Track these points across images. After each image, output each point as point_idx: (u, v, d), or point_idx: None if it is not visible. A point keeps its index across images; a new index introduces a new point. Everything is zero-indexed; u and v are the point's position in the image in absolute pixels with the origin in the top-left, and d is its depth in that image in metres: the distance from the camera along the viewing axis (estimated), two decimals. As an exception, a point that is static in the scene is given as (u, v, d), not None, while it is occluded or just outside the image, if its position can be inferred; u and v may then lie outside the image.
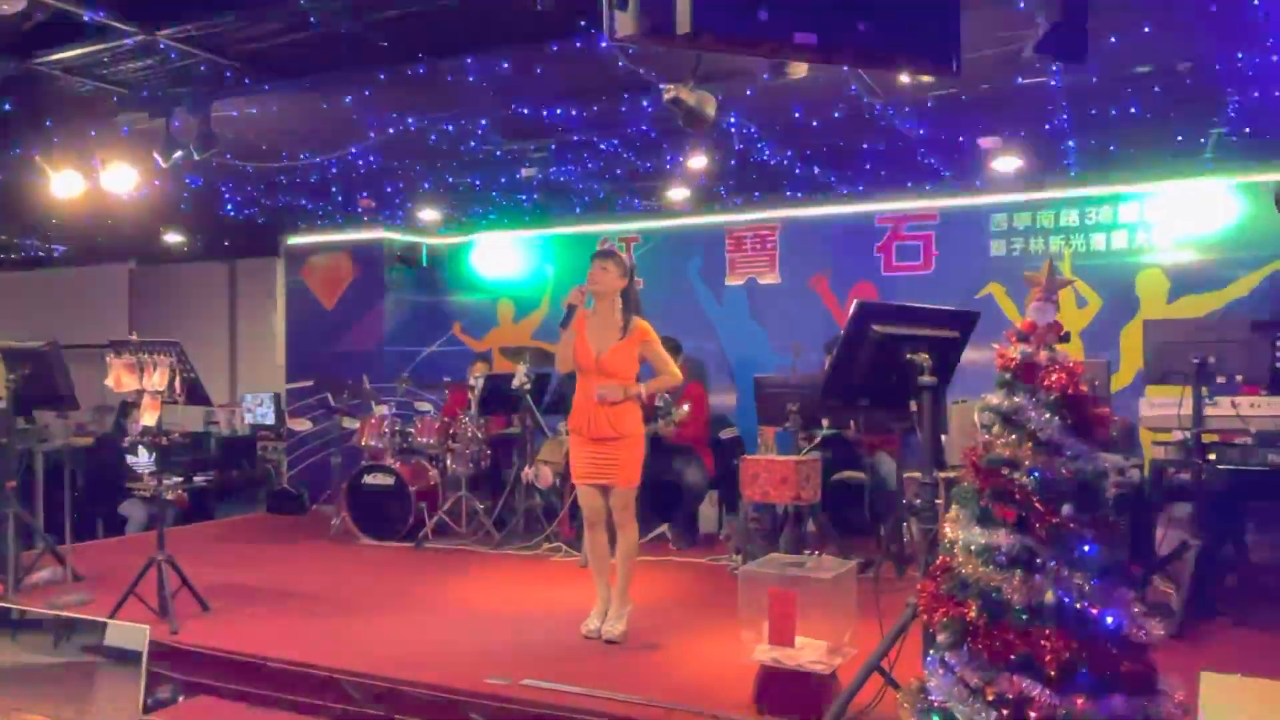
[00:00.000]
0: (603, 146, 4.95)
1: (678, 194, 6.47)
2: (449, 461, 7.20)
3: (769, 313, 7.68)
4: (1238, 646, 4.03)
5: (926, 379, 3.09)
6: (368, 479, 6.96)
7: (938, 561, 2.55)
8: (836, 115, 4.37)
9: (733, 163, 5.38)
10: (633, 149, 5.01)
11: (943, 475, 6.49)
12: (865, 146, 5.02)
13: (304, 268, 9.00)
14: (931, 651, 2.51)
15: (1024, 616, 2.16)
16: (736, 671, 3.75)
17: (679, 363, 6.68)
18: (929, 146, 5.03)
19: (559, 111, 4.41)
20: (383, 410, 7.89)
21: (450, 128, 4.59)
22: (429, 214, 7.51)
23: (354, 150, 4.86)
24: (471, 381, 7.50)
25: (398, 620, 4.68)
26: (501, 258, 8.79)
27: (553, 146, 4.88)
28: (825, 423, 5.63)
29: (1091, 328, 6.49)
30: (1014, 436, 2.29)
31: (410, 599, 5.13)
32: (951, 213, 7.04)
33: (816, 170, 5.70)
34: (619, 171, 5.60)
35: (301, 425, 8.61)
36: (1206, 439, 4.50)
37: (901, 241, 7.20)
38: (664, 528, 6.86)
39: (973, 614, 2.20)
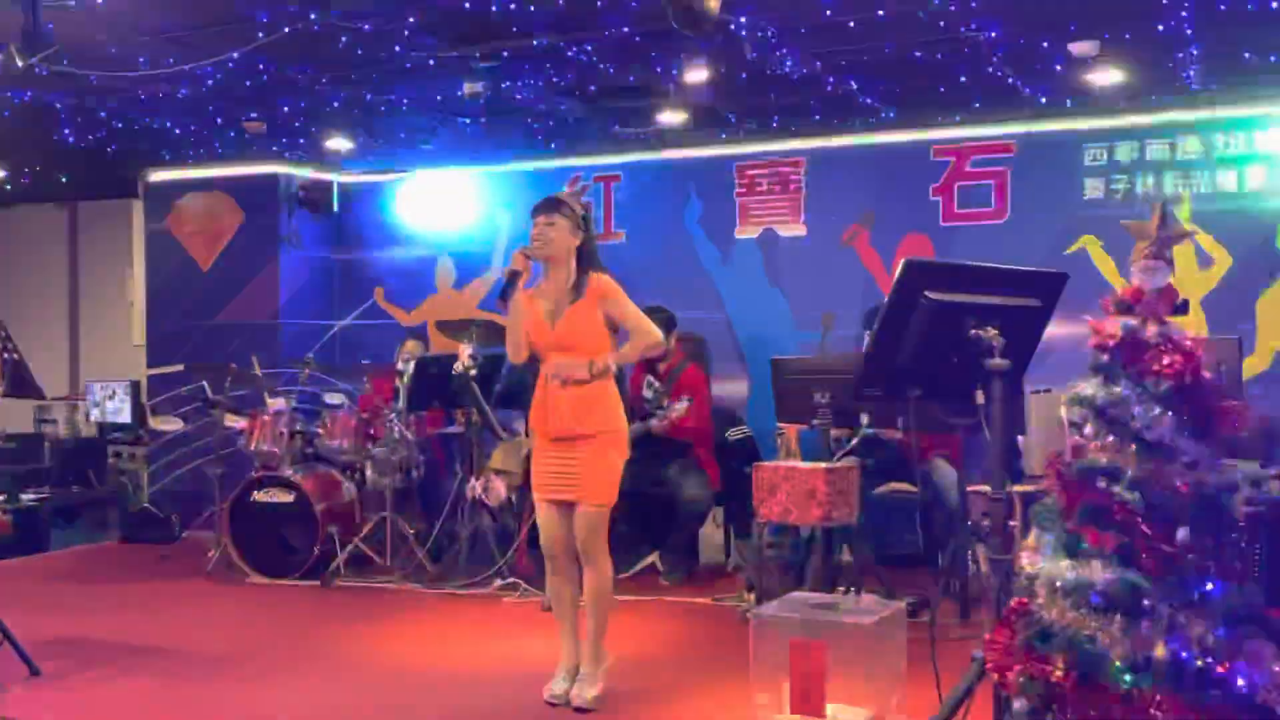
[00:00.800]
0: (571, 54, 4.88)
1: (671, 118, 6.42)
2: (368, 471, 7.17)
3: (791, 275, 7.66)
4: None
5: (997, 362, 3.07)
6: (259, 496, 6.93)
7: (1012, 603, 2.54)
8: (880, 14, 4.32)
9: (743, 76, 5.32)
10: (611, 58, 4.94)
11: (1019, 489, 6.54)
12: (918, 55, 4.96)
13: (171, 214, 8.91)
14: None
15: (1127, 676, 2.15)
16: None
17: (671, 341, 6.71)
18: (1003, 54, 4.98)
19: (514, 6, 4.31)
20: (278, 404, 7.86)
21: (367, 26, 4.50)
22: (340, 143, 7.43)
23: (236, 55, 4.77)
24: (400, 366, 7.47)
25: (298, 685, 4.66)
26: (439, 202, 8.74)
27: (505, 54, 4.80)
28: (865, 419, 5.62)
29: (1218, 294, 6.50)
30: (1113, 438, 2.27)
31: (315, 656, 5.10)
32: (1032, 142, 7.03)
33: (854, 85, 5.64)
34: (592, 88, 5.53)
35: (169, 424, 8.56)
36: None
37: (966, 182, 7.19)
38: (654, 557, 6.87)
39: (1059, 673, 2.19)
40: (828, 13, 4.27)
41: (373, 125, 6.70)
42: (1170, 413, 2.22)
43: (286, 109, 6.14)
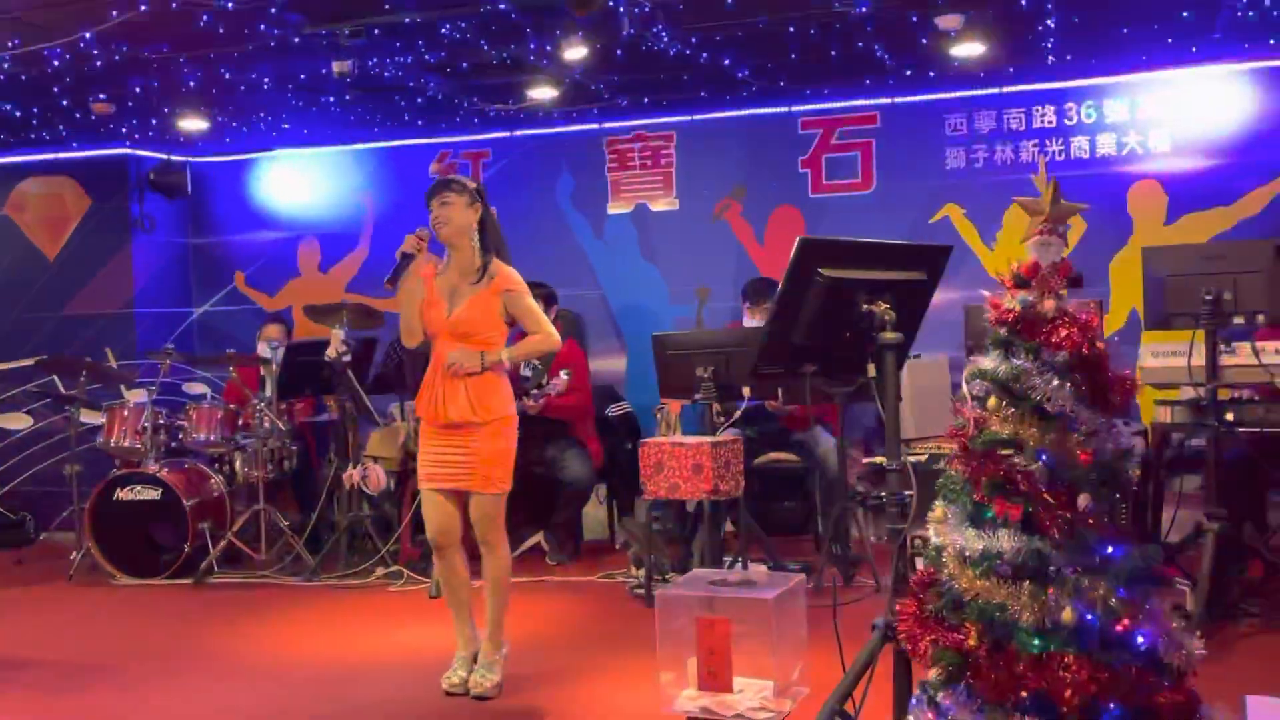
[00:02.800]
0: (444, 30, 4.75)
1: (542, 93, 6.33)
2: (238, 464, 6.95)
3: (665, 249, 7.68)
4: (1274, 655, 4.29)
5: (889, 335, 3.12)
6: (122, 494, 6.64)
7: (918, 573, 2.59)
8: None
9: (619, 53, 5.27)
10: (485, 34, 4.83)
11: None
12: (791, 30, 5.00)
13: (10, 199, 8.44)
14: (916, 690, 2.56)
15: (1036, 641, 2.21)
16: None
17: (550, 316, 6.65)
18: (872, 27, 5.06)
19: None
20: (138, 397, 7.54)
21: (229, 4, 4.30)
22: (194, 123, 7.11)
23: (88, 36, 4.49)
24: (265, 352, 7.24)
25: (180, 689, 4.48)
26: (301, 182, 8.47)
27: (375, 30, 4.65)
28: (746, 392, 5.68)
29: (1073, 258, 6.68)
30: (1015, 410, 2.33)
31: (196, 657, 4.92)
32: (895, 113, 7.18)
33: (726, 61, 5.66)
34: (464, 64, 5.40)
35: (16, 422, 8.16)
36: (1222, 395, 4.75)
37: (833, 153, 7.30)
38: (538, 537, 6.84)
39: (972, 641, 2.24)
40: (706, -16, 4.28)
41: (230, 105, 6.42)
42: (1068, 384, 2.28)
43: (137, 88, 5.83)
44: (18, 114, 6.56)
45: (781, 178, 7.38)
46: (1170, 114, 6.60)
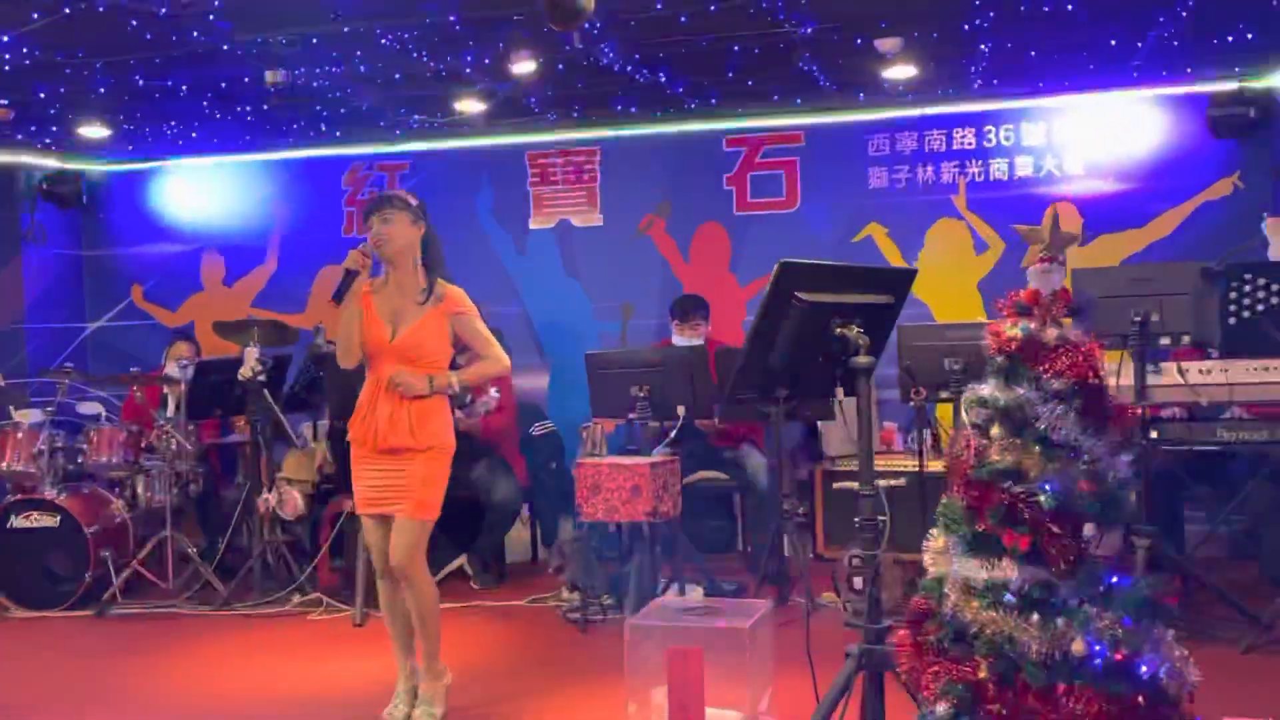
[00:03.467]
0: (385, 41, 4.61)
1: (470, 106, 6.21)
2: (140, 488, 6.64)
3: (588, 265, 7.62)
4: (1214, 670, 4.38)
5: (862, 359, 3.11)
6: (17, 520, 6.28)
7: (913, 604, 2.57)
8: (712, 8, 4.29)
9: (560, 67, 5.19)
10: (426, 45, 4.70)
11: (820, 468, 6.73)
12: (735, 49, 5.00)
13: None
14: (915, 722, 2.53)
15: (1044, 673, 2.20)
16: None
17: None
18: (813, 49, 5.08)
19: None
20: (27, 419, 7.17)
21: (163, 10, 4.08)
22: (95, 130, 6.80)
23: (5, 39, 4.22)
24: (172, 371, 6.95)
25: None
26: (204, 192, 8.18)
27: (314, 39, 4.49)
28: (681, 410, 5.64)
29: (993, 277, 6.90)
30: (1017, 440, 2.32)
31: (102, 695, 4.67)
32: (819, 133, 7.24)
33: (663, 77, 5.63)
34: (397, 76, 5.26)
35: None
36: (1143, 413, 4.87)
37: (758, 171, 7.33)
38: (461, 560, 6.68)
39: (983, 674, 2.22)
40: (659, 6, 4.21)
41: (138, 113, 6.15)
42: (1072, 413, 2.28)
43: (41, 94, 5.53)
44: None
45: (706, 195, 7.39)
46: (1085, 138, 6.79)
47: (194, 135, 7.00)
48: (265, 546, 6.33)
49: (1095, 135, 6.76)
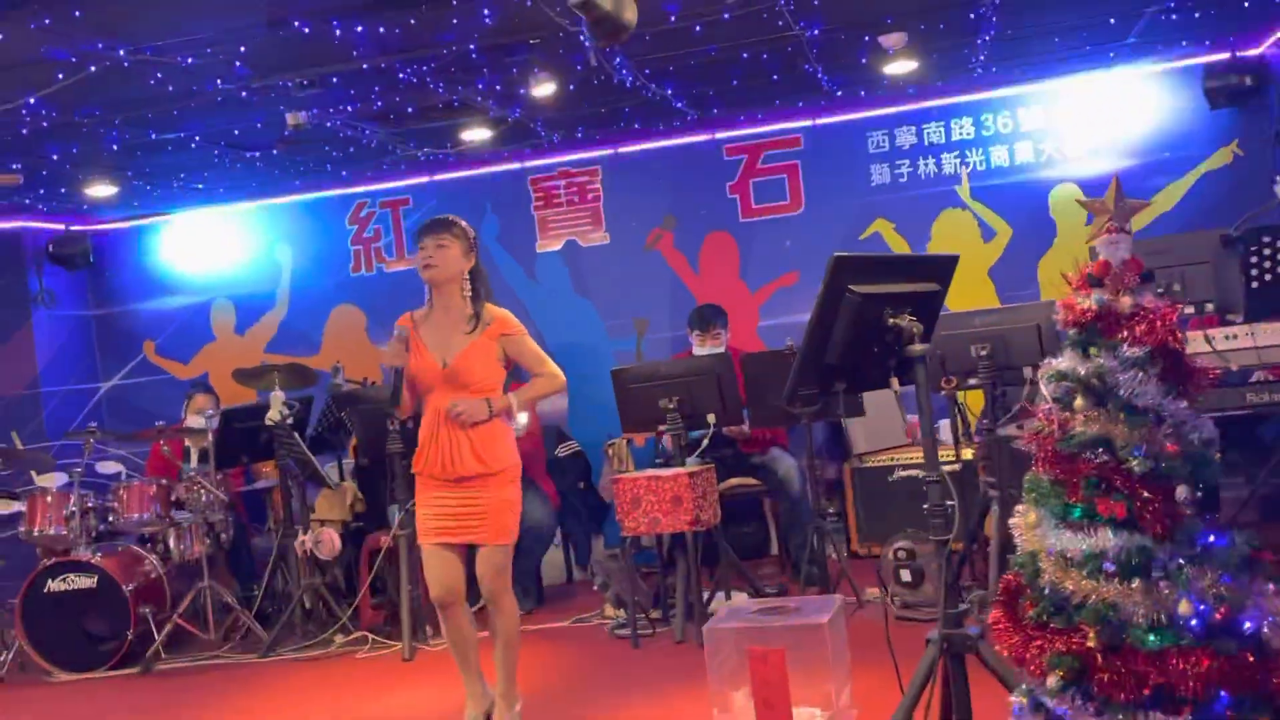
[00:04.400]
0: (403, 75, 4.62)
1: (477, 134, 6.23)
2: (172, 541, 6.61)
3: (598, 284, 7.64)
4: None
5: (917, 347, 3.14)
6: (54, 585, 6.25)
7: (1005, 581, 2.58)
8: (726, 16, 4.32)
9: (571, 88, 5.21)
10: (443, 77, 4.71)
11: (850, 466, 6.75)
12: (745, 56, 5.02)
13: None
14: (1015, 697, 2.55)
15: (1151, 637, 2.22)
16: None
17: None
18: (818, 50, 5.11)
19: (360, 28, 3.98)
20: (48, 482, 7.16)
21: (189, 59, 4.08)
22: (102, 189, 6.79)
23: (32, 101, 4.22)
24: (194, 422, 6.94)
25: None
26: (209, 243, 8.18)
27: (334, 79, 4.50)
28: (711, 419, 5.65)
29: (1004, 263, 6.94)
30: (1103, 409, 2.34)
31: (175, 749, 4.65)
32: (818, 134, 7.28)
33: (669, 91, 5.66)
34: (410, 109, 5.27)
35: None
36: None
37: (760, 177, 7.37)
38: (496, 590, 6.68)
39: (1091, 643, 2.24)
40: (672, 19, 4.25)
41: (147, 168, 6.15)
42: (1153, 378, 2.31)
43: (55, 155, 5.53)
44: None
45: (711, 205, 7.42)
46: (1083, 119, 6.84)
47: (200, 187, 7.01)
48: (305, 589, 6.32)
49: (1093, 115, 6.81)
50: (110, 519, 6.54)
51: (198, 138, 5.40)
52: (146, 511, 6.47)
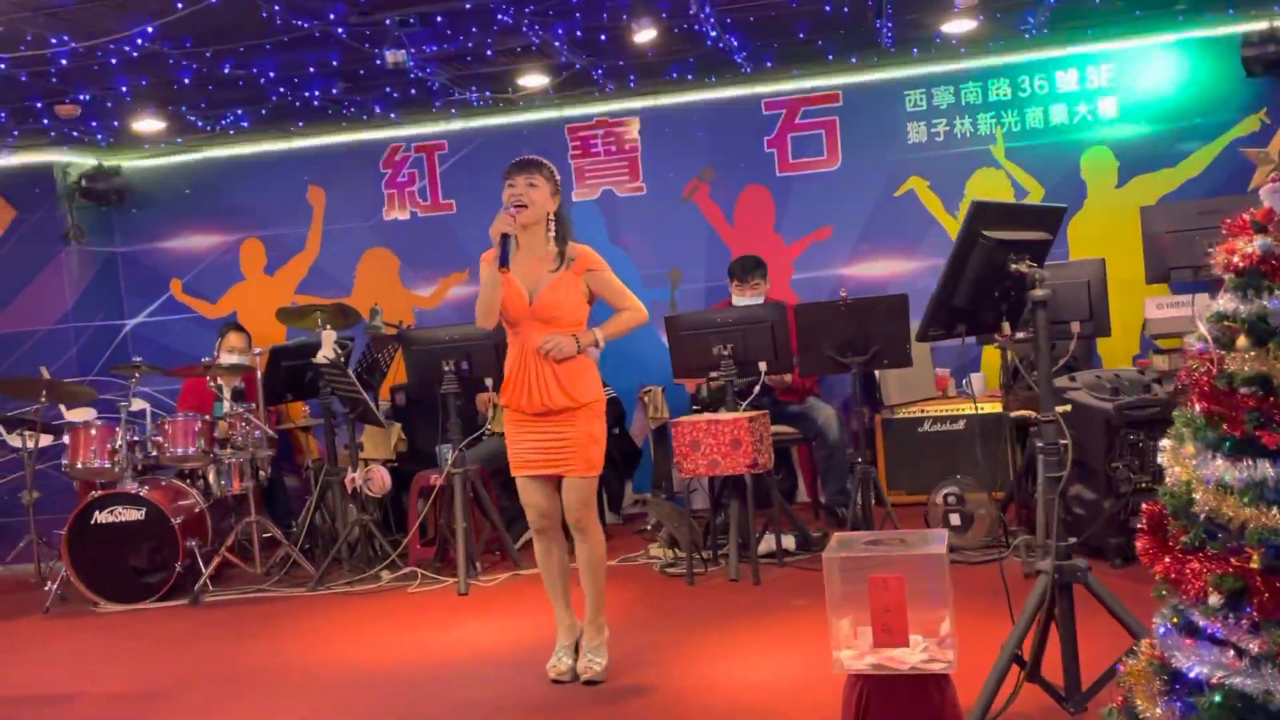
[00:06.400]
0: (501, 16, 4.62)
1: (534, 81, 6.24)
2: (211, 477, 6.65)
3: (634, 234, 7.69)
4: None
5: (1039, 293, 3.25)
6: (102, 516, 6.27)
7: (1147, 510, 2.71)
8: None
9: (651, 36, 5.21)
10: (538, 20, 4.72)
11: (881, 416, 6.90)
12: (826, 10, 5.07)
13: (-82, 215, 7.87)
14: (1158, 620, 2.68)
15: (1312, 560, 2.35)
16: (791, 689, 3.85)
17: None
18: (894, 4, 5.16)
19: None
20: (78, 416, 7.18)
21: None
22: (151, 123, 6.74)
23: (150, 30, 4.19)
24: (230, 358, 6.96)
25: (266, 705, 4.30)
26: (239, 182, 8.13)
27: (439, 18, 4.49)
28: (763, 367, 5.76)
29: (1035, 223, 7.08)
30: (1262, 349, 2.46)
31: (257, 673, 4.72)
32: (856, 92, 7.36)
33: (734, 41, 5.68)
34: (488, 52, 5.27)
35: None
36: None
37: (798, 132, 7.44)
38: (538, 529, 6.79)
39: (1255, 564, 2.37)
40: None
41: (205, 100, 6.09)
42: (1316, 319, 2.43)
43: (123, 87, 5.48)
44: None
45: (748, 158, 7.48)
46: (1116, 83, 6.97)
47: (245, 125, 6.95)
48: (353, 525, 6.39)
49: (1129, 80, 6.94)
50: (154, 453, 6.57)
51: (271, 73, 5.38)
52: (192, 446, 6.50)
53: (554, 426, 4.08)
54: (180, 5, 3.97)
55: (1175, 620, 2.61)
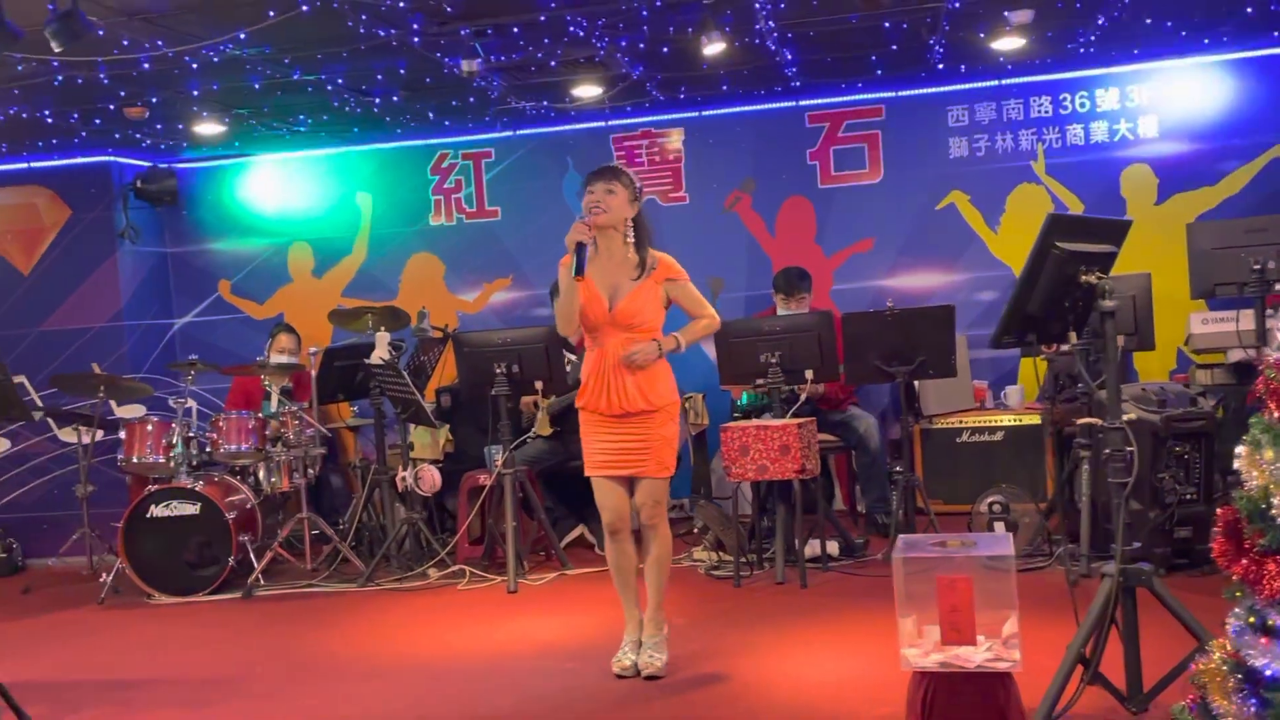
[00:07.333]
0: (573, 28, 4.73)
1: (588, 91, 6.35)
2: (261, 474, 6.77)
3: (676, 242, 7.68)
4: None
5: (1108, 303, 3.34)
6: (157, 510, 6.39)
7: (1222, 514, 2.80)
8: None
9: (740, 42, 5.23)
10: (608, 31, 4.82)
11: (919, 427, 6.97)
12: (886, 26, 5.17)
13: (-26, 213, 8.02)
14: (1232, 620, 2.76)
15: (1391, 561, 2.44)
16: (852, 685, 3.94)
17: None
18: (950, 22, 5.24)
19: None
20: (129, 413, 7.33)
21: (403, 1, 4.14)
22: (211, 127, 6.87)
23: (242, 36, 4.31)
24: (276, 359, 7.08)
25: (332, 692, 4.40)
26: (289, 186, 8.26)
27: (515, 29, 4.61)
28: (809, 375, 5.85)
29: (1076, 239, 7.16)
30: (1340, 356, 2.55)
31: (318, 663, 4.82)
32: (899, 106, 7.46)
33: (788, 55, 5.78)
34: (552, 63, 5.38)
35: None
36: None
37: (841, 145, 7.54)
38: (581, 529, 6.89)
39: (1337, 564, 2.45)
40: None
41: (268, 105, 6.21)
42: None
43: (196, 91, 5.60)
44: (50, 120, 6.21)
45: (791, 170, 7.58)
46: (1159, 102, 7.06)
47: (302, 130, 7.06)
48: (403, 523, 6.50)
49: (1169, 99, 7.03)
50: (208, 449, 6.68)
51: (340, 80, 5.50)
52: (245, 443, 6.61)
53: (631, 428, 4.18)
54: (272, 13, 4.10)
55: (1251, 620, 2.69)
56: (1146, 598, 3.39)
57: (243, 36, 4.37)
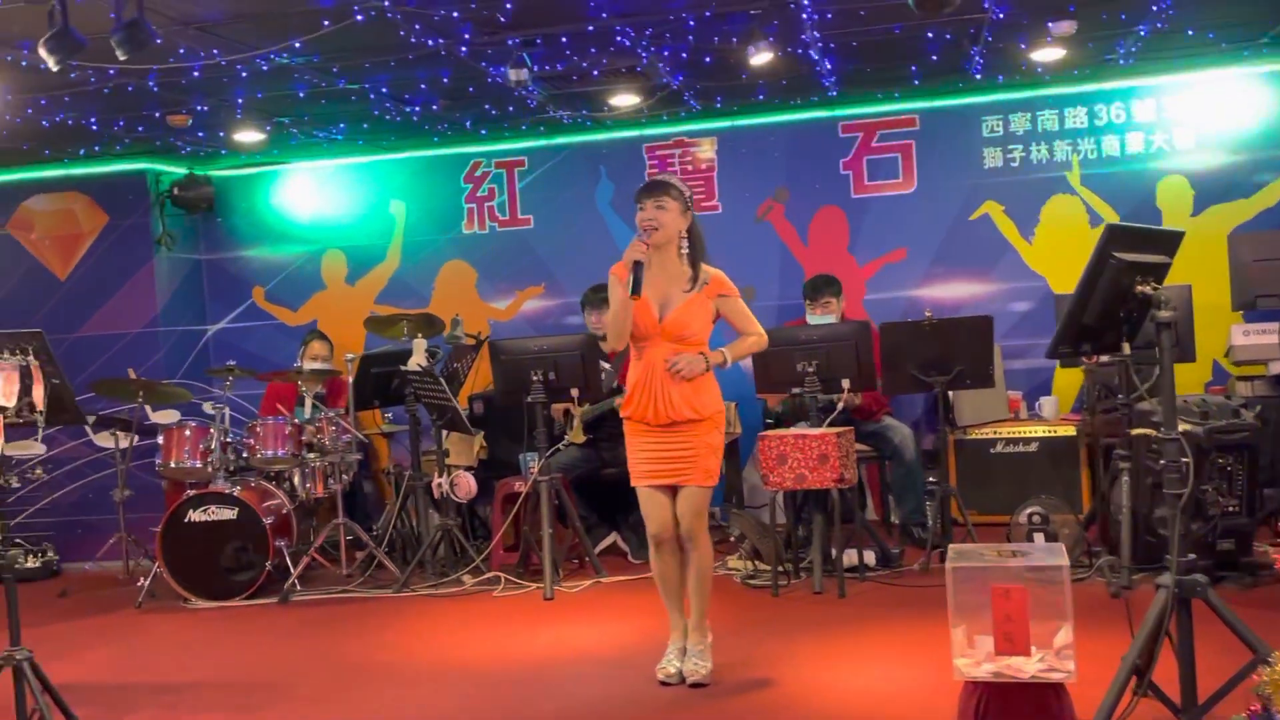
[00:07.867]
0: (620, 38, 4.75)
1: (625, 100, 6.37)
2: (296, 480, 6.80)
3: (709, 251, 7.75)
4: None
5: (1165, 314, 3.33)
6: (195, 514, 6.42)
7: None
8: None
9: (784, 52, 5.22)
10: (655, 41, 4.84)
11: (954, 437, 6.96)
12: (929, 35, 5.18)
13: (14, 218, 8.08)
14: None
15: None
16: (901, 694, 3.93)
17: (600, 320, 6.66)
18: (991, 35, 5.24)
19: None
20: (163, 419, 7.38)
21: (453, 12, 4.18)
22: (251, 134, 6.92)
23: (298, 45, 4.35)
24: (309, 365, 7.11)
25: (380, 696, 4.42)
26: (324, 194, 8.31)
27: (564, 38, 4.63)
28: (846, 384, 5.84)
29: (1110, 249, 7.14)
30: None
31: (363, 668, 4.84)
32: (933, 116, 7.46)
33: (829, 65, 5.79)
34: (595, 73, 5.40)
35: (25, 448, 7.76)
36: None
37: (874, 155, 7.54)
38: (613, 537, 6.89)
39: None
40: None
41: (309, 114, 6.25)
42: None
43: (241, 99, 5.65)
44: (93, 126, 6.26)
45: (824, 179, 7.58)
46: (1195, 113, 7.03)
47: (339, 138, 7.10)
48: (439, 529, 6.51)
49: (1205, 110, 7.00)
50: (244, 455, 6.71)
51: (384, 89, 5.53)
52: (282, 449, 6.64)
53: (677, 437, 4.19)
54: (327, 23, 4.13)
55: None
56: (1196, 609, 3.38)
57: (298, 45, 4.40)
